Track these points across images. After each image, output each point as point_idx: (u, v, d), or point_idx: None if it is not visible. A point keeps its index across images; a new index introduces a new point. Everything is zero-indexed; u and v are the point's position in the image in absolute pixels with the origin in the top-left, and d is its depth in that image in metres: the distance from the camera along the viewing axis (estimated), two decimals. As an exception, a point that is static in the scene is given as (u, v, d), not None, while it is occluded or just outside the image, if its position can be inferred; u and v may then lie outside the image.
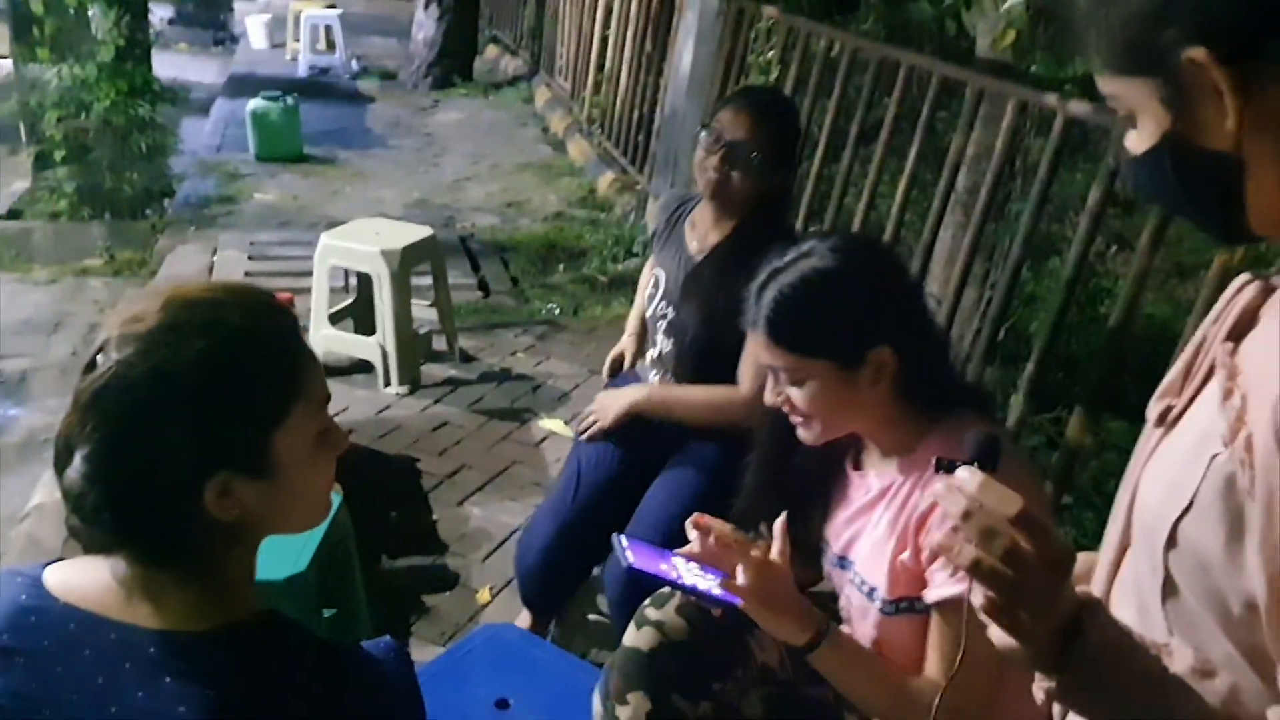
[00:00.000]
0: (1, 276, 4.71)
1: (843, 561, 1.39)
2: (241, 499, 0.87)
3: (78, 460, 0.85)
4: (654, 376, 2.21)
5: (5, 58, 5.95)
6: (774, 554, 1.28)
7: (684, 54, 4.68)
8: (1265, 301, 0.80)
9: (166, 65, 5.66)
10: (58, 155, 5.01)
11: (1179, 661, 0.79)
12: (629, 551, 1.28)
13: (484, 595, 2.56)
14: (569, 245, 5.14)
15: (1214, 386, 0.78)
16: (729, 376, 2.04)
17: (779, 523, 1.29)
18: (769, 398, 1.32)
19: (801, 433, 1.32)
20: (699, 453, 2.07)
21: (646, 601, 1.40)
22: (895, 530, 1.27)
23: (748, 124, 1.99)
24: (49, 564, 0.92)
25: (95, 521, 0.87)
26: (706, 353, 2.05)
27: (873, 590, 1.31)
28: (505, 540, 2.79)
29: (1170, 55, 0.73)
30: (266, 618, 0.92)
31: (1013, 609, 0.76)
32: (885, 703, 1.29)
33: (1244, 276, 0.82)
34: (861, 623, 1.35)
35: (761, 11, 4.11)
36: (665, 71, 5.18)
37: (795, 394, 1.28)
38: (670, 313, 2.14)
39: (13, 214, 5.10)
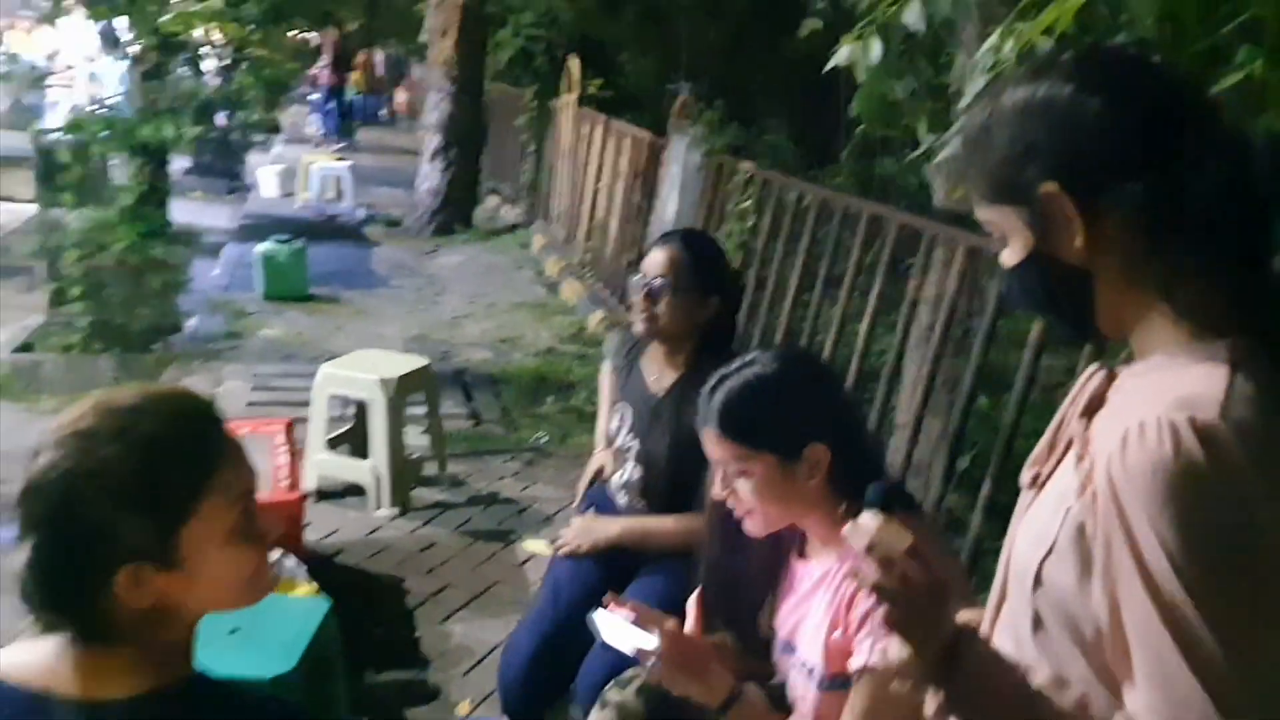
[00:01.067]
0: (10, 407, 4.88)
1: (788, 646, 1.52)
2: (154, 587, 0.95)
3: (19, 551, 0.96)
4: (622, 499, 2.34)
5: (31, 202, 6.31)
6: (688, 627, 1.42)
7: (668, 204, 5.03)
8: (1110, 386, 0.99)
9: (182, 211, 6.00)
10: (74, 291, 5.27)
11: (1040, 676, 0.94)
12: (602, 628, 1.46)
13: (464, 708, 2.63)
14: (559, 378, 5.35)
15: (1071, 455, 0.95)
16: (693, 500, 2.12)
17: (692, 598, 1.44)
18: (716, 492, 1.48)
19: (747, 525, 1.47)
20: (667, 562, 2.20)
21: (610, 684, 1.53)
22: (830, 611, 1.41)
23: (665, 260, 2.16)
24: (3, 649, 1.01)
25: (31, 604, 0.96)
26: (673, 480, 2.17)
27: (812, 670, 1.44)
28: (485, 656, 2.87)
29: (1031, 189, 0.91)
30: (197, 679, 1.01)
31: (906, 623, 0.91)
32: None
33: (1094, 366, 1.00)
34: (803, 703, 1.47)
35: (739, 166, 4.45)
36: (650, 221, 5.52)
37: (741, 486, 1.44)
38: (637, 445, 2.26)
39: (25, 347, 5.32)
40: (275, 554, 2.57)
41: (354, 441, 3.92)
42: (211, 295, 6.56)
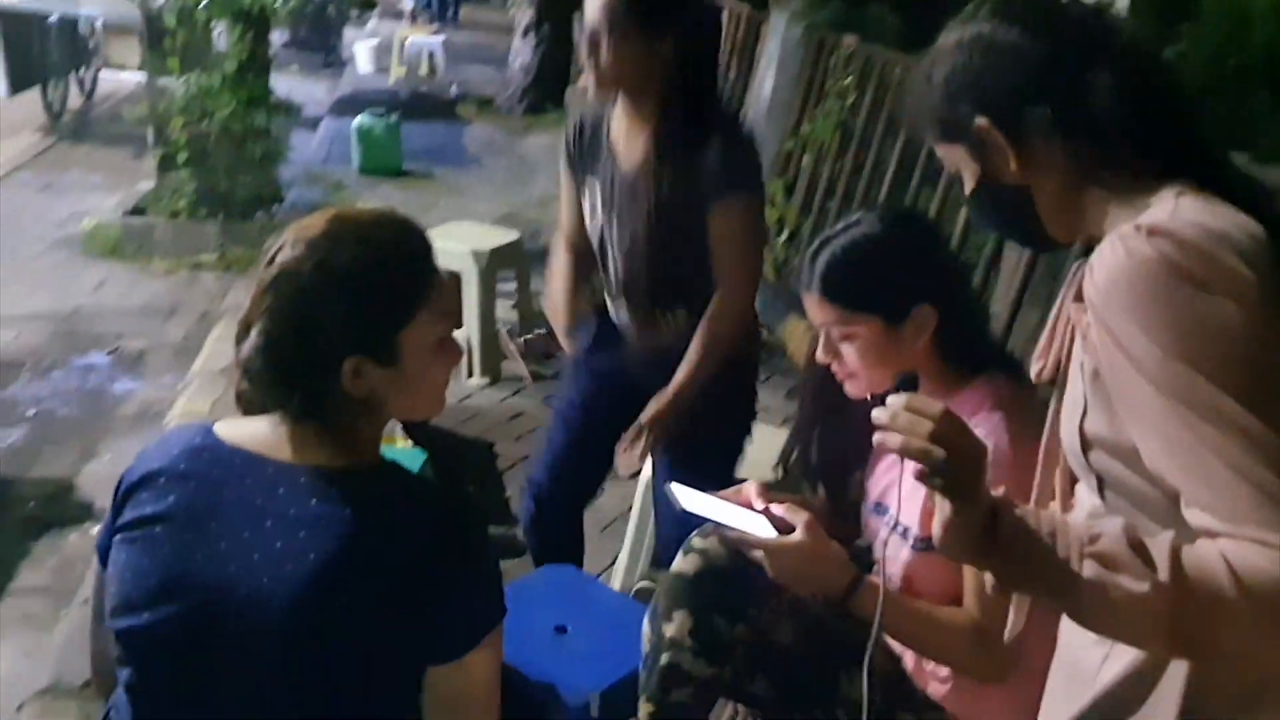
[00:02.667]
0: (124, 267, 5.12)
1: (879, 508, 1.54)
2: (370, 380, 1.08)
3: (252, 335, 1.08)
4: (623, 313, 2.04)
5: (139, 70, 6.44)
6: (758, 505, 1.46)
7: (765, 80, 4.89)
8: None
9: (279, 84, 6.07)
10: (180, 158, 5.40)
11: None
12: (681, 498, 1.47)
13: (548, 565, 2.74)
14: (647, 261, 5.34)
15: (1077, 336, 0.99)
16: (686, 286, 1.91)
17: (752, 485, 1.46)
18: (820, 356, 1.48)
19: (849, 387, 1.47)
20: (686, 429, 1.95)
21: (694, 532, 1.57)
22: None
23: (600, 1, 1.79)
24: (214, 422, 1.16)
25: (259, 383, 1.10)
26: (659, 270, 1.91)
27: (906, 530, 1.45)
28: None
29: (967, 124, 1.02)
30: (392, 465, 1.15)
31: (945, 483, 0.91)
32: (920, 632, 1.42)
33: (1082, 259, 1.02)
34: (893, 564, 1.49)
35: (840, 40, 4.29)
36: (747, 101, 5.38)
37: (845, 349, 1.43)
38: (616, 229, 1.95)
39: (136, 211, 5.52)
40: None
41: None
42: (309, 168, 6.68)
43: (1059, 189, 1.01)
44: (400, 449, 2.63)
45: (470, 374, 3.82)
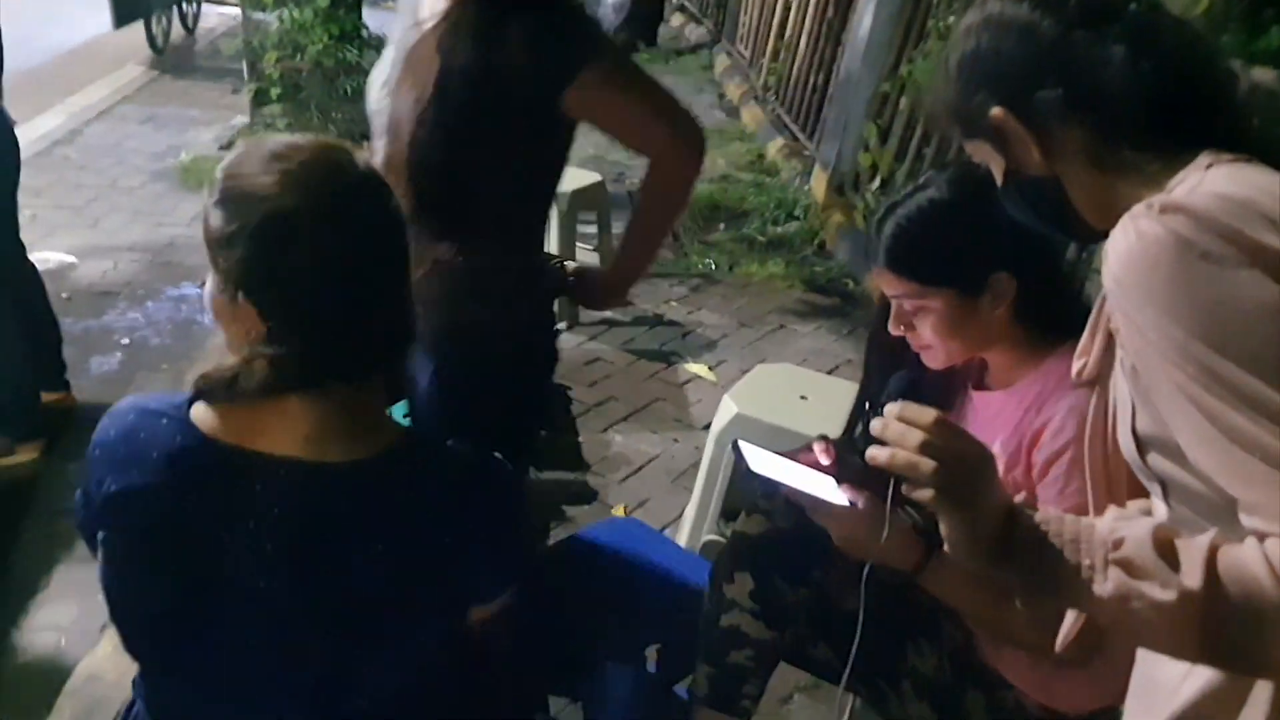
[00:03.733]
0: (218, 200, 5.22)
1: None
2: None
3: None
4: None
5: (236, 5, 6.52)
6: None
7: (864, 18, 4.68)
8: None
9: (373, 19, 6.08)
10: (274, 93, 5.46)
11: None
12: (749, 456, 1.40)
13: (619, 511, 2.73)
14: (732, 206, 5.23)
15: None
16: (464, 195, 1.47)
17: (820, 447, 1.36)
18: (892, 328, 1.39)
19: (926, 359, 1.39)
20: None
21: (759, 490, 1.51)
22: (1009, 447, 1.33)
23: None
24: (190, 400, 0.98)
25: (322, 350, 0.93)
26: (429, 164, 1.45)
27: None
28: (642, 466, 2.95)
29: (985, 117, 0.96)
30: (406, 438, 1.02)
31: (941, 494, 0.86)
32: (988, 612, 1.35)
33: None
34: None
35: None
36: (843, 40, 5.17)
37: (918, 322, 1.35)
38: (387, 103, 1.55)
39: (230, 145, 5.62)
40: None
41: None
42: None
43: (1087, 175, 0.94)
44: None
45: (548, 316, 3.80)
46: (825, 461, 1.41)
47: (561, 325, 3.77)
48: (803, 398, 2.34)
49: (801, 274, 4.43)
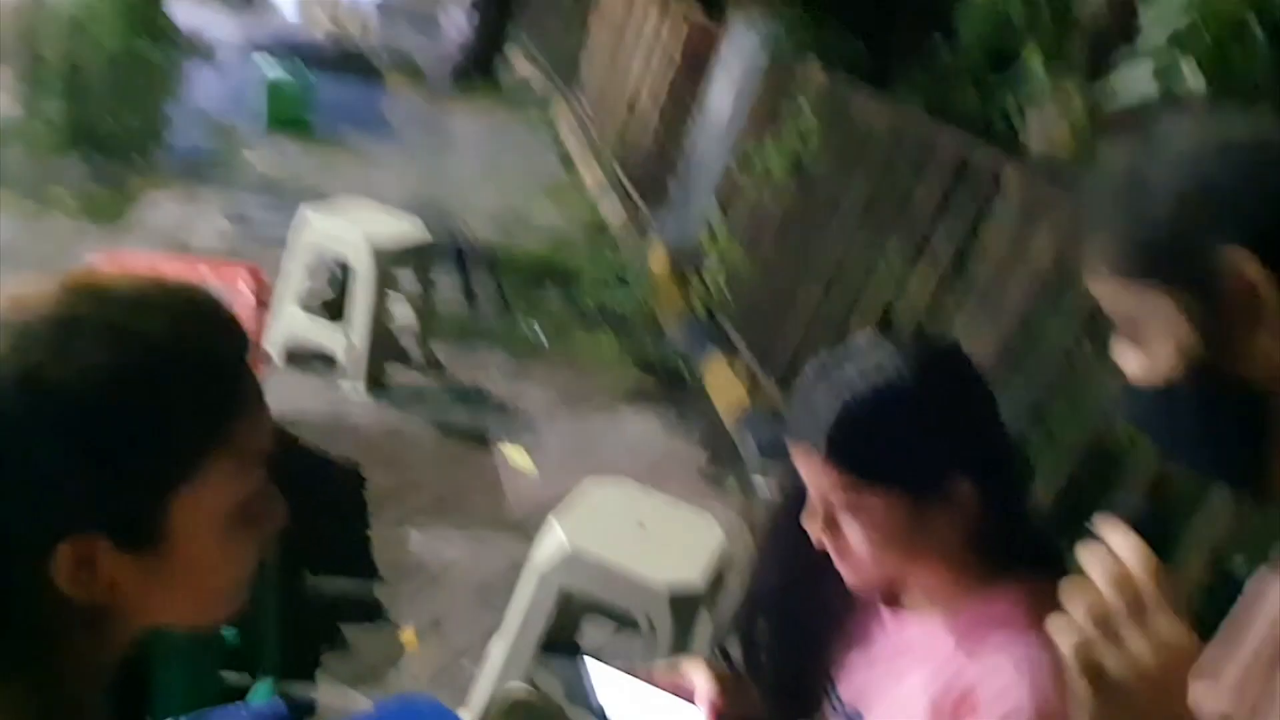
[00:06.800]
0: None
1: (853, 712, 1.15)
2: (107, 574, 0.61)
3: None
4: None
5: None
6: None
7: (719, 92, 4.52)
8: None
9: (187, 14, 5.48)
10: (55, 85, 4.80)
11: None
12: (595, 678, 1.17)
13: (408, 636, 2.30)
14: (564, 268, 4.92)
15: None
16: None
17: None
18: (809, 524, 1.08)
19: (846, 570, 1.08)
20: None
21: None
22: (929, 697, 1.03)
23: None
24: None
25: None
26: None
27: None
28: (441, 574, 2.54)
29: (1204, 258, 0.65)
30: None
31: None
32: None
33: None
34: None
35: (808, 73, 3.91)
36: (693, 110, 5.01)
37: (848, 524, 1.04)
38: None
39: (-4, 134, 4.86)
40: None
41: (330, 302, 3.50)
42: (206, 112, 6.05)
43: None
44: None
45: (348, 380, 3.33)
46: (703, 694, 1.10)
47: (363, 389, 3.31)
48: (640, 525, 2.02)
49: (633, 351, 4.15)
